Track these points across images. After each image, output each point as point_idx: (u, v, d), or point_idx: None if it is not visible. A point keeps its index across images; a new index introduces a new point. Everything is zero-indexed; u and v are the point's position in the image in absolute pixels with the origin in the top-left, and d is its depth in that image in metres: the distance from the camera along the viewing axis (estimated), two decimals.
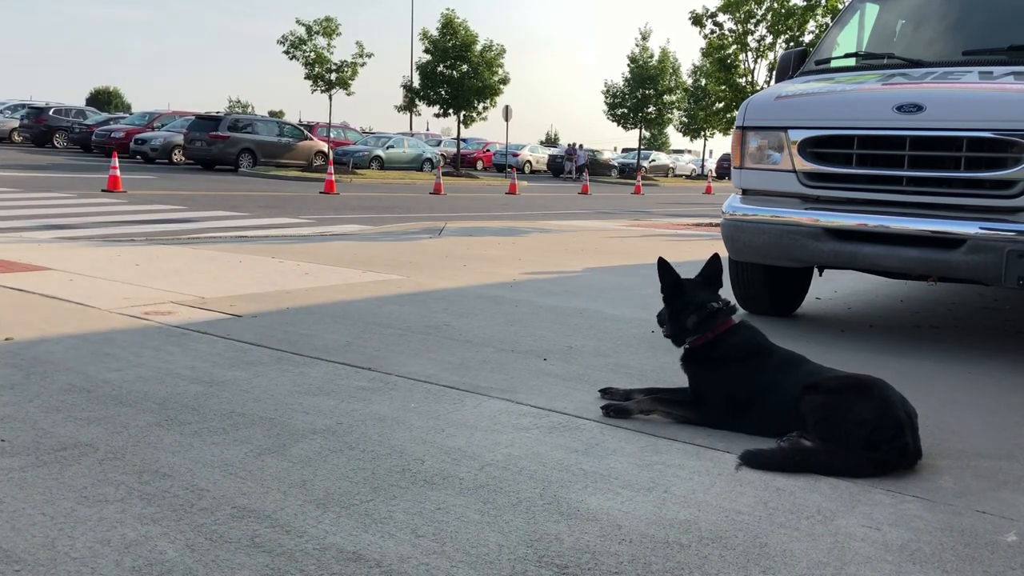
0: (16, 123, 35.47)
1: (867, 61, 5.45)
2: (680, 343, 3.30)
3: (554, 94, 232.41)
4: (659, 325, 3.43)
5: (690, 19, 17.79)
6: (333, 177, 19.44)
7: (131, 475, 2.44)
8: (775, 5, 16.97)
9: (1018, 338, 5.42)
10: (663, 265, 3.29)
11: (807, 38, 16.50)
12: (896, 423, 2.78)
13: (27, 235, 8.37)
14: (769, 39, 17.22)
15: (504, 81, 34.82)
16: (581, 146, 43.41)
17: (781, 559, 2.14)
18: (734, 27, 17.57)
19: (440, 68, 34.67)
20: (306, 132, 30.26)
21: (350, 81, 31.76)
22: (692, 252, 8.61)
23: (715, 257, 3.34)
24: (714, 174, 44.81)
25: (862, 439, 2.75)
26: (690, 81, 46.74)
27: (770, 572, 2.07)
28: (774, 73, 5.93)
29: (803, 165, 4.72)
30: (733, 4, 17.03)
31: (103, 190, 14.91)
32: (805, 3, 16.70)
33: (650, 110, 44.62)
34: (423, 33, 34.87)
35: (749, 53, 17.49)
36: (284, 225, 11.23)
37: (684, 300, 3.24)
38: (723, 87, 18.28)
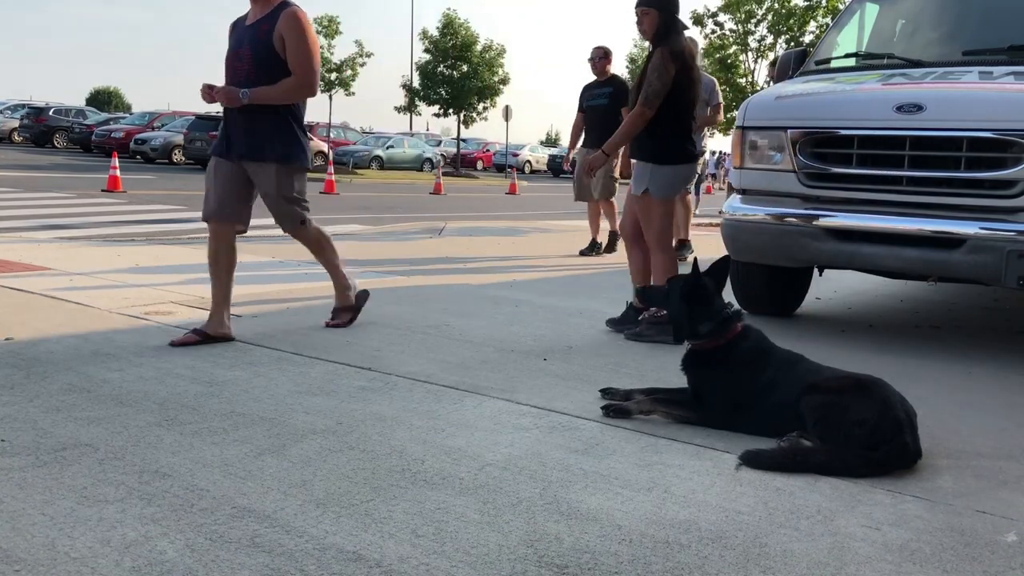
0: (16, 123, 35.40)
1: (867, 61, 5.45)
2: (682, 341, 3.30)
3: (554, 94, 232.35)
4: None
5: (691, 19, 17.87)
6: (333, 177, 19.41)
7: (131, 475, 2.44)
8: (775, 5, 16.99)
9: (1018, 338, 5.42)
10: (695, 266, 3.30)
11: (807, 38, 16.51)
12: (896, 423, 2.78)
13: (27, 235, 8.37)
14: (769, 39, 17.25)
15: (504, 81, 34.83)
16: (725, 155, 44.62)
17: (781, 559, 2.14)
18: (735, 27, 17.61)
19: (440, 68, 34.67)
20: (306, 132, 30.16)
21: (350, 81, 31.78)
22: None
23: (725, 259, 3.37)
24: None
25: (862, 439, 2.75)
26: None
27: (770, 572, 2.07)
28: (774, 73, 5.91)
29: (803, 165, 4.72)
30: (734, 4, 17.06)
31: (103, 190, 14.91)
32: (805, 3, 16.72)
33: None
34: (423, 33, 34.88)
35: (749, 53, 17.52)
36: None
37: (703, 305, 3.22)
38: (723, 87, 18.32)
